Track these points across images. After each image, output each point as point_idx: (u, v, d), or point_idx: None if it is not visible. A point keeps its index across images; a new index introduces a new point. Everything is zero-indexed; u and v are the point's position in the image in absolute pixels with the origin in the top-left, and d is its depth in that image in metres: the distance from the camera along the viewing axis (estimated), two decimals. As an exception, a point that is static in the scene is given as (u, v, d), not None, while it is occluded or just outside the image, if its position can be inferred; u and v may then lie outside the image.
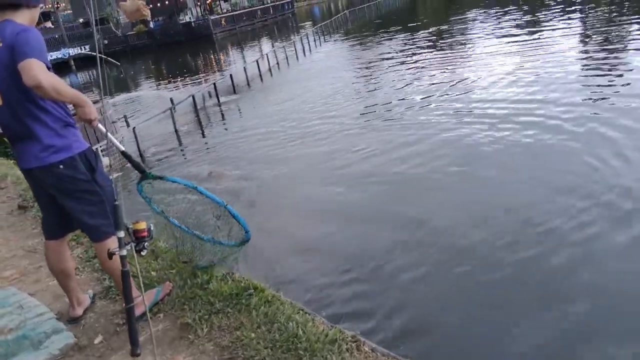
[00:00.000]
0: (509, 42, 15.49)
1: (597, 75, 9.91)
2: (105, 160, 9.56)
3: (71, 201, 2.59)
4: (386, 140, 8.20)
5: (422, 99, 10.59)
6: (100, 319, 2.99)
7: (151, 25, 50.27)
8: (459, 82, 11.43)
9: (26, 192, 5.66)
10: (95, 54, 2.48)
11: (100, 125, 2.63)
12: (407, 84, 12.48)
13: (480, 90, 10.35)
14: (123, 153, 2.92)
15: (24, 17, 2.46)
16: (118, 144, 2.95)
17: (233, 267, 3.28)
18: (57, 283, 3.44)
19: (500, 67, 12.09)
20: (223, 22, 48.97)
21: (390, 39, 22.28)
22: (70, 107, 2.52)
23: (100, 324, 2.94)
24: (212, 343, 2.57)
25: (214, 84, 15.96)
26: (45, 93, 2.25)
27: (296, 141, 9.35)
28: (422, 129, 8.37)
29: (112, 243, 2.54)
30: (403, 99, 11.01)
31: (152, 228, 2.30)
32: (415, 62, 15.30)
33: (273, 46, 29.48)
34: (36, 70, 2.20)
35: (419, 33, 22.23)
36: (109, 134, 2.64)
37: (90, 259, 3.76)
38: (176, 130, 12.04)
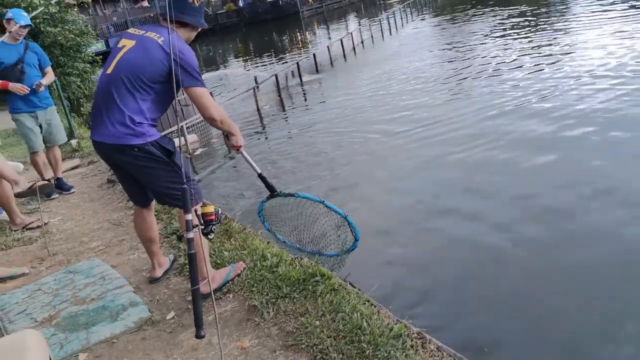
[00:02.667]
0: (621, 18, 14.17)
1: None
2: (192, 137, 9.96)
3: (149, 177, 2.70)
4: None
5: (540, 99, 8.54)
6: (174, 295, 3.10)
7: (240, 3, 51.40)
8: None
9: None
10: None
11: (244, 153, 3.05)
12: (512, 73, 10.76)
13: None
14: (259, 175, 3.43)
15: (185, 34, 2.70)
16: (255, 166, 3.34)
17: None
18: (137, 257, 3.63)
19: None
20: (310, 0, 49.09)
21: (486, 15, 21.14)
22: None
23: (173, 301, 3.04)
24: (277, 327, 2.58)
25: (297, 63, 16.03)
26: (214, 124, 2.66)
27: (374, 127, 9.09)
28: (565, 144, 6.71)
29: (207, 208, 2.61)
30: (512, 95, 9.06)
31: (220, 212, 2.32)
32: (520, 44, 14.01)
33: (359, 24, 29.16)
34: (210, 104, 2.58)
35: (518, 9, 20.91)
36: (247, 156, 3.16)
37: (169, 235, 3.90)
38: (258, 110, 12.23)
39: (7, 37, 4.94)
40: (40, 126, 5.20)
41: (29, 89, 4.86)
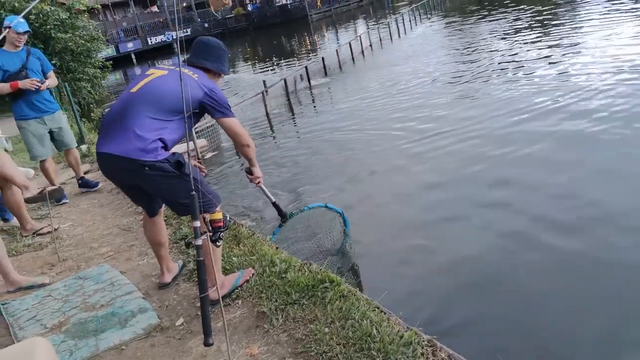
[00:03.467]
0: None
1: None
2: (201, 142, 9.98)
3: (160, 191, 2.73)
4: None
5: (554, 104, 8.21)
6: (183, 301, 3.09)
7: (249, 7, 51.63)
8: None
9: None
10: (174, 42, 2.51)
11: (262, 185, 3.32)
12: (524, 79, 10.41)
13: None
14: (273, 204, 3.72)
15: (212, 79, 2.86)
16: (269, 195, 3.61)
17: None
18: (147, 262, 3.63)
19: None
20: (319, 3, 49.12)
21: (495, 18, 21.02)
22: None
23: (182, 307, 3.03)
24: (287, 334, 2.57)
25: (306, 67, 16.04)
26: (246, 150, 2.89)
27: (380, 131, 9.07)
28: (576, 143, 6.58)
29: (216, 215, 2.60)
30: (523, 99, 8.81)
31: (228, 218, 2.32)
32: (528, 48, 14.00)
33: (368, 27, 29.16)
34: (243, 131, 2.82)
35: (528, 10, 20.81)
36: (264, 187, 3.40)
37: (178, 240, 3.90)
38: (267, 114, 12.24)
39: (7, 45, 4.94)
40: (51, 132, 5.23)
41: (38, 81, 4.88)
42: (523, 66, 11.44)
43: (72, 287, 3.40)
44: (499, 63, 12.43)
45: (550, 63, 11.13)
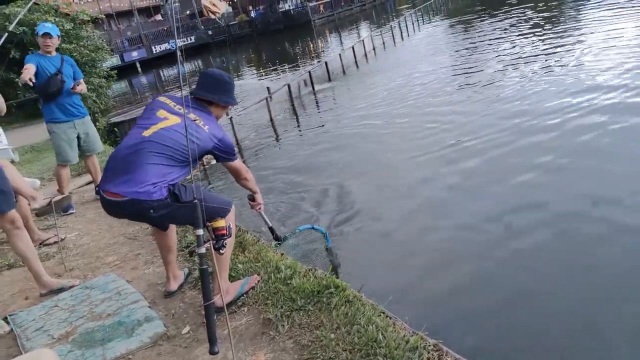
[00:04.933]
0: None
1: None
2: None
3: (171, 222, 2.90)
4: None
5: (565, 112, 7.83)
6: (189, 309, 3.10)
7: (252, 14, 51.87)
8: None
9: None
10: (176, 51, 2.53)
11: (262, 212, 3.54)
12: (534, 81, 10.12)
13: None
14: (270, 228, 3.81)
15: (216, 112, 2.96)
16: (267, 220, 3.76)
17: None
18: (153, 271, 3.64)
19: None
20: (321, 8, 49.26)
21: (498, 20, 20.97)
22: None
23: (188, 315, 3.03)
24: (293, 341, 2.56)
25: (309, 72, 16.07)
26: (246, 184, 3.17)
27: (386, 132, 9.07)
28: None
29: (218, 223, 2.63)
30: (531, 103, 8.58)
31: (231, 226, 2.32)
32: (534, 49, 14.00)
33: (371, 31, 29.18)
34: (244, 169, 3.09)
35: (530, 12, 20.78)
36: (263, 214, 3.60)
37: (183, 248, 3.91)
38: (272, 120, 12.27)
39: (41, 51, 5.11)
40: (79, 136, 5.34)
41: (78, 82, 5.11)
42: (528, 62, 11.43)
43: (79, 296, 3.41)
44: (501, 68, 12.41)
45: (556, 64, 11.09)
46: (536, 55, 12.32)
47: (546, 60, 11.56)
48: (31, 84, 4.75)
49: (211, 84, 2.92)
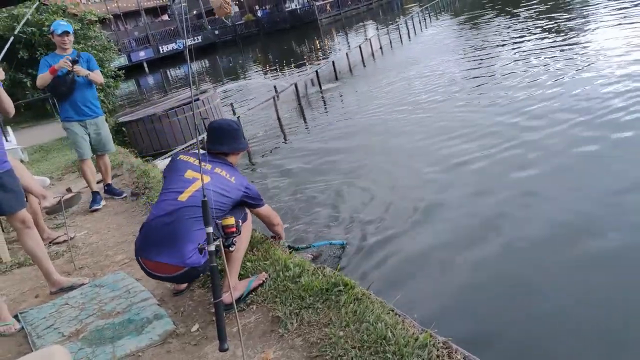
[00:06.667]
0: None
1: None
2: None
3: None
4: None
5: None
6: (199, 307, 3.11)
7: (259, 13, 51.96)
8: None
9: (139, 180, 6.05)
10: (184, 50, 2.54)
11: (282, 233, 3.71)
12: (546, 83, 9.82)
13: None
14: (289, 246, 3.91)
15: (233, 159, 3.16)
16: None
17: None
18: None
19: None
20: (328, 7, 49.25)
21: (508, 18, 20.86)
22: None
23: (197, 313, 3.05)
24: (301, 339, 2.57)
25: (316, 71, 16.06)
26: (277, 229, 3.52)
27: (396, 137, 9.00)
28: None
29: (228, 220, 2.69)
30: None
31: (240, 224, 2.33)
32: (542, 44, 13.98)
33: (377, 30, 29.14)
34: (274, 215, 3.43)
35: (538, 11, 20.65)
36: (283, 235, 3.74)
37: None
38: (279, 119, 12.27)
39: (58, 49, 5.18)
40: (89, 135, 5.38)
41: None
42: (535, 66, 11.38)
43: (89, 294, 3.44)
44: (505, 69, 12.34)
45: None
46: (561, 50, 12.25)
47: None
48: (70, 67, 4.93)
49: (223, 136, 3.08)
